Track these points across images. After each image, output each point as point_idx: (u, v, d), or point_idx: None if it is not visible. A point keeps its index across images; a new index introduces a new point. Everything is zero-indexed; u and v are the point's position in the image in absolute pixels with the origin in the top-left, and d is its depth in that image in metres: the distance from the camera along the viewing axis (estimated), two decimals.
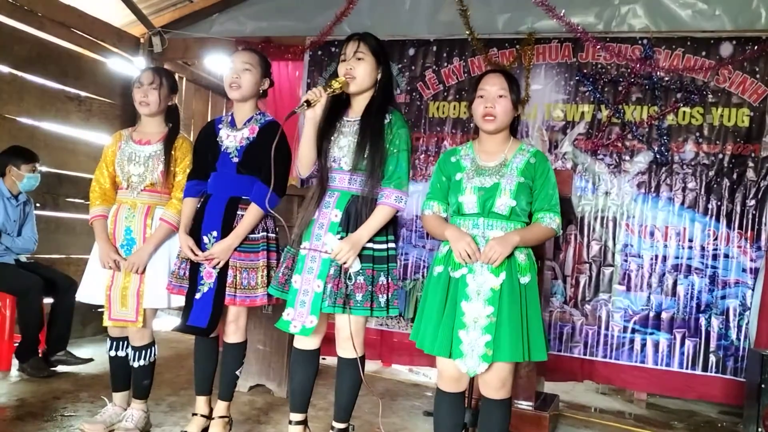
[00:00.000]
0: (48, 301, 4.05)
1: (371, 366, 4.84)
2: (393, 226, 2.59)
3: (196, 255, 2.70)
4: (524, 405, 3.39)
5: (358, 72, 2.53)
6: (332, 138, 2.57)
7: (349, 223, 2.51)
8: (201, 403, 2.88)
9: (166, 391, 3.67)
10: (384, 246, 2.54)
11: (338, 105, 2.60)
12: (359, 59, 2.53)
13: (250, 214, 2.72)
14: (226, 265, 2.71)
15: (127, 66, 5.42)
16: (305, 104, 2.45)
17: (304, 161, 2.58)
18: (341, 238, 2.48)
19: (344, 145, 2.55)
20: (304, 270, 2.54)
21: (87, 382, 3.79)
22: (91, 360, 4.09)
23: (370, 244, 2.50)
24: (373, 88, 2.60)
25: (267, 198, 2.69)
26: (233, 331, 2.85)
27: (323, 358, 4.11)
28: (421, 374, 4.77)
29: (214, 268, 2.70)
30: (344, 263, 2.44)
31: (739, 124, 4.20)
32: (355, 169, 2.51)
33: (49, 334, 4.01)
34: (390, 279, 2.54)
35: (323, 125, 2.56)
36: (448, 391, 2.43)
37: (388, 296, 2.52)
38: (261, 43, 5.07)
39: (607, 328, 4.35)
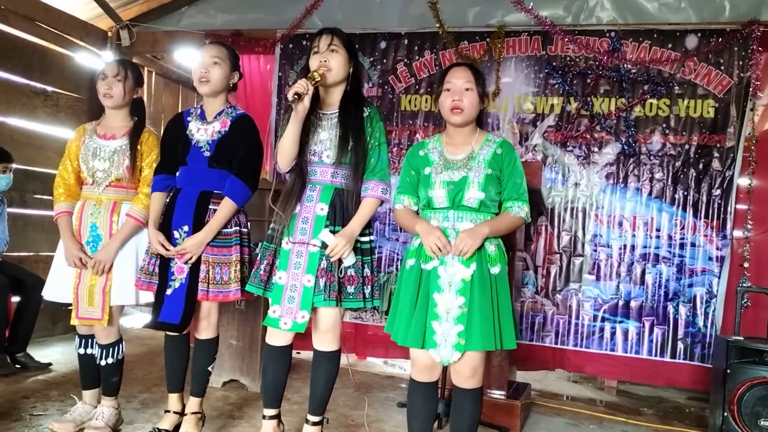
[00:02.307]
0: (16, 299, 3.99)
1: (345, 359, 4.84)
2: (369, 219, 2.62)
3: (167, 250, 2.68)
4: (497, 394, 3.43)
5: (333, 64, 2.53)
6: (309, 131, 2.56)
7: (336, 216, 2.52)
8: (173, 400, 2.87)
9: (137, 388, 3.64)
10: (368, 238, 2.61)
11: (312, 98, 2.59)
12: (333, 51, 2.54)
13: (224, 208, 2.70)
14: (198, 260, 2.69)
15: (94, 60, 5.34)
16: (296, 97, 2.42)
17: (286, 156, 2.53)
18: (331, 231, 2.48)
19: (325, 138, 2.55)
20: (290, 265, 2.52)
21: (57, 381, 3.75)
22: (49, 365, 4.02)
23: (358, 237, 2.53)
24: (345, 82, 2.60)
25: (242, 192, 2.69)
26: (205, 327, 2.83)
27: (297, 353, 4.12)
28: (396, 366, 4.79)
29: (185, 263, 2.68)
30: (341, 257, 2.46)
31: (704, 115, 4.27)
32: (338, 162, 2.53)
33: (13, 332, 3.94)
34: (372, 271, 2.59)
35: None
36: (422, 380, 2.46)
37: (371, 287, 2.58)
38: (231, 36, 5.02)
39: (577, 317, 4.41)
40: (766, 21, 4.13)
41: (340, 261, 2.50)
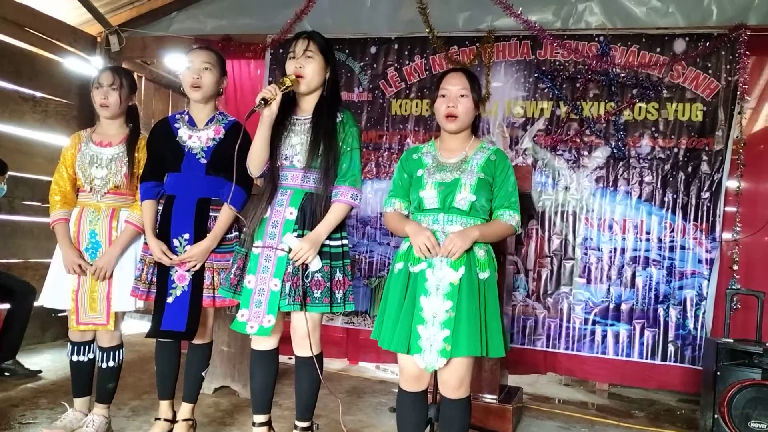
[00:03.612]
0: (5, 306, 3.96)
1: (338, 364, 4.84)
2: (343, 223, 2.61)
3: (170, 259, 2.67)
4: (489, 398, 3.43)
5: (307, 71, 2.53)
6: (282, 136, 2.56)
7: (305, 220, 2.51)
8: (164, 407, 2.86)
9: (128, 396, 3.62)
10: (339, 243, 2.58)
11: (287, 103, 2.58)
12: (308, 57, 2.53)
13: (225, 214, 2.71)
14: (201, 267, 2.70)
15: (83, 65, 5.32)
16: (263, 102, 2.43)
17: (257, 160, 2.54)
18: (298, 236, 2.47)
19: (296, 143, 2.54)
20: (259, 269, 2.51)
21: (47, 389, 3.72)
22: (39, 372, 3.98)
23: (327, 241, 2.52)
24: (321, 87, 2.60)
25: (241, 198, 2.68)
26: (200, 333, 2.83)
27: (289, 358, 4.11)
28: (388, 371, 4.78)
29: (188, 270, 2.68)
30: (305, 262, 2.44)
31: (693, 118, 4.30)
32: (308, 167, 2.51)
33: (1, 340, 3.91)
34: (345, 275, 2.56)
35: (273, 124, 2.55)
36: (410, 390, 2.44)
37: (344, 292, 2.55)
38: (221, 42, 5.01)
39: (568, 321, 4.43)
40: (753, 25, 4.17)
41: (306, 265, 2.48)
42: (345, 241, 2.61)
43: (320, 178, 2.52)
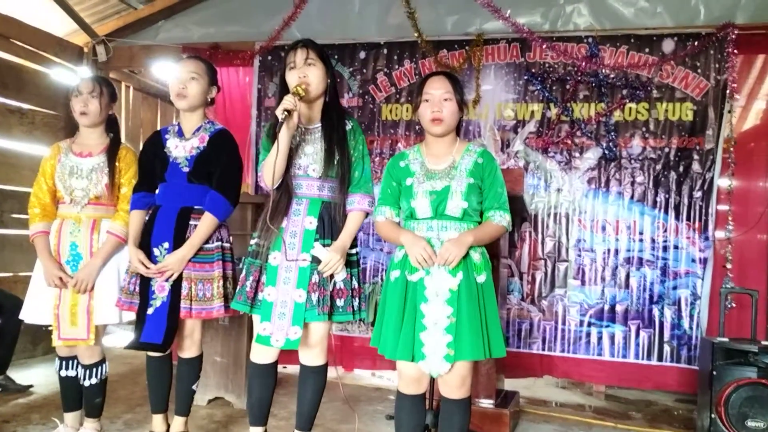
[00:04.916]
0: None
1: (332, 372, 4.79)
2: None
3: (147, 268, 2.63)
4: (485, 403, 3.41)
5: (312, 79, 2.51)
6: (294, 146, 2.53)
7: (325, 229, 2.50)
8: (157, 421, 2.83)
9: (121, 409, 3.58)
10: (354, 250, 2.60)
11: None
12: (310, 65, 2.51)
13: (204, 223, 2.67)
14: (180, 277, 2.65)
15: (70, 76, 5.27)
16: (287, 113, 2.38)
17: (277, 172, 2.45)
18: (323, 245, 2.46)
19: (310, 152, 2.53)
20: (279, 281, 2.47)
21: (38, 404, 3.67)
22: (30, 387, 3.94)
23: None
24: (324, 94, 2.59)
25: (223, 207, 2.66)
26: (188, 346, 2.79)
27: (284, 367, 4.07)
28: (384, 378, 4.75)
29: (166, 280, 2.64)
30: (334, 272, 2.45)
31: (683, 118, 4.30)
32: (325, 175, 2.51)
33: None
34: (359, 283, 2.59)
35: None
36: (409, 393, 2.44)
37: (359, 299, 2.57)
38: (209, 50, 4.99)
39: (564, 323, 4.41)
40: (741, 24, 4.19)
41: (332, 275, 2.47)
42: (358, 249, 2.64)
43: (337, 186, 2.52)
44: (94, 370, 2.85)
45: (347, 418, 3.61)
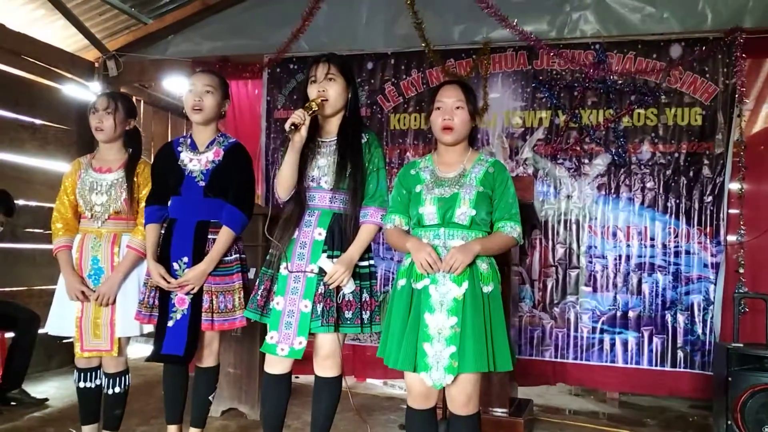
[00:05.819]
0: (9, 335, 3.93)
1: (344, 382, 4.79)
2: (369, 244, 2.60)
3: (168, 283, 2.65)
4: (499, 412, 3.40)
5: (331, 93, 2.53)
6: (308, 159, 2.56)
7: (334, 241, 2.51)
8: None
9: (135, 421, 3.59)
10: (367, 263, 2.59)
11: (310, 126, 2.55)
12: (331, 80, 2.53)
13: (223, 237, 2.70)
14: (200, 290, 2.68)
15: (82, 91, 5.33)
16: (293, 127, 2.41)
17: (286, 184, 2.51)
18: (328, 256, 2.47)
19: (323, 164, 2.55)
20: (287, 291, 2.50)
21: (53, 417, 3.69)
22: (46, 400, 3.96)
23: (357, 262, 2.52)
24: (344, 108, 2.60)
25: (240, 220, 2.67)
26: (207, 356, 2.82)
27: (296, 377, 4.08)
28: (396, 387, 4.75)
29: (187, 294, 2.67)
30: (340, 284, 2.45)
31: (692, 123, 4.29)
32: (336, 188, 2.52)
33: (6, 370, 3.89)
34: (372, 296, 2.57)
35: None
36: (418, 408, 2.41)
37: (371, 312, 2.56)
38: (218, 63, 5.03)
39: (576, 330, 4.40)
40: (748, 28, 4.18)
41: (338, 287, 2.48)
42: (372, 262, 2.62)
43: (348, 198, 2.53)
44: (119, 379, 2.88)
45: (360, 428, 3.60)
